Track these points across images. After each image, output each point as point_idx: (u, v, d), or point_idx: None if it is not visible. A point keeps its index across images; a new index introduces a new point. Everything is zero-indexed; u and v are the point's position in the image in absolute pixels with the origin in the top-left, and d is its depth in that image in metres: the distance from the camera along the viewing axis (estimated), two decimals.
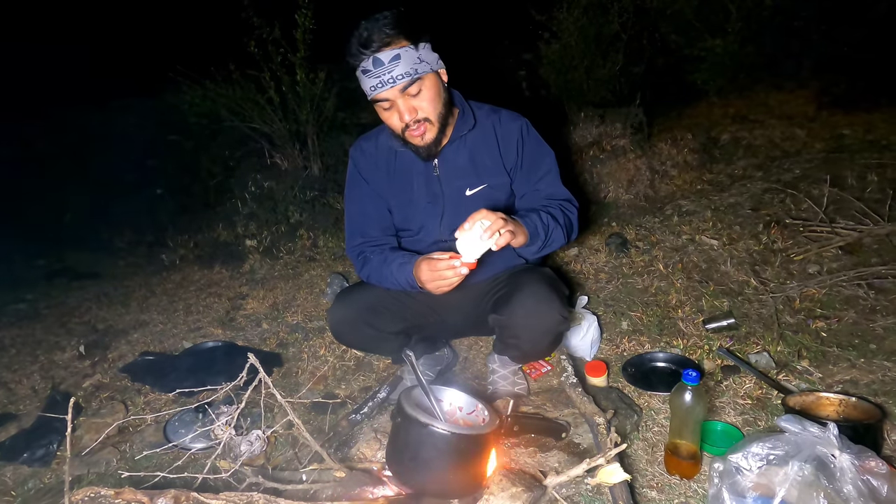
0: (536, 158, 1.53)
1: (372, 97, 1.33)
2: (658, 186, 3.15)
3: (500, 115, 1.52)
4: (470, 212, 1.49)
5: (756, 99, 3.81)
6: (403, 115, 1.33)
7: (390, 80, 1.28)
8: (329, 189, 3.74)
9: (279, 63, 3.56)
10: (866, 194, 2.50)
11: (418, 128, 1.35)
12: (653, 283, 2.21)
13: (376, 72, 1.27)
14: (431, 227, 1.54)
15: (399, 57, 1.27)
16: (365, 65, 1.28)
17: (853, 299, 1.91)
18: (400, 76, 1.28)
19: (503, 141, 1.51)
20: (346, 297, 1.60)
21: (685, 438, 1.27)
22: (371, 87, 1.30)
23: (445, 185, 1.50)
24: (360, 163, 1.56)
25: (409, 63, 1.28)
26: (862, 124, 3.23)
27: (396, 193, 1.53)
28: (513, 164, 1.52)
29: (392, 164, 1.52)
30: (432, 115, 1.36)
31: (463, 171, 1.49)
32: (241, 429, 1.59)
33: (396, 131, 1.38)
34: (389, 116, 1.36)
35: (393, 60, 1.27)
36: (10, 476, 1.65)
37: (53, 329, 2.69)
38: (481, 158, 1.50)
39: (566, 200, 1.53)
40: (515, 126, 1.51)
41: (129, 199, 4.46)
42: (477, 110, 1.51)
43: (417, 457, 1.13)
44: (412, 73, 1.29)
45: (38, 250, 3.93)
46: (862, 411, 1.35)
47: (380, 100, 1.32)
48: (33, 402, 2.05)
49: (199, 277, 3.08)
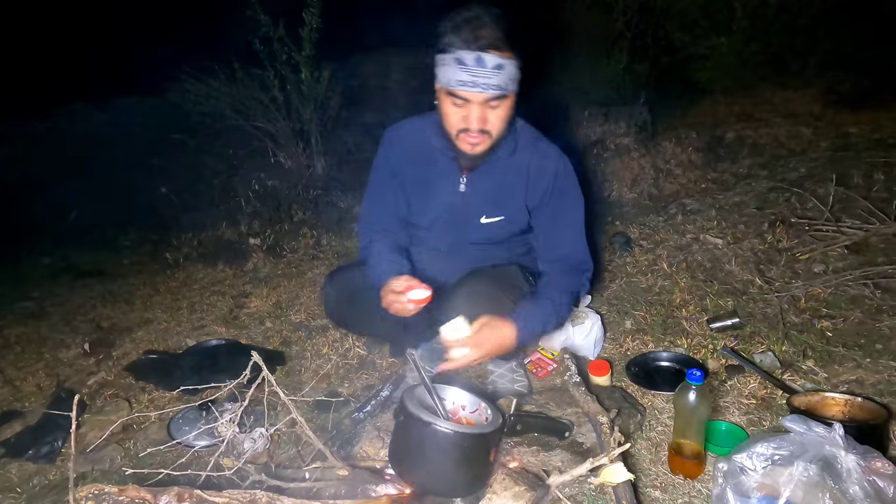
0: (563, 209, 1.46)
1: (451, 89, 1.24)
2: (662, 185, 3.14)
3: (539, 148, 1.44)
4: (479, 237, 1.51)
5: (761, 97, 3.79)
6: (472, 121, 1.26)
7: (483, 86, 1.20)
8: (332, 187, 3.74)
9: (284, 61, 3.57)
10: (872, 193, 2.49)
11: (477, 137, 1.29)
12: (657, 283, 2.20)
13: (474, 70, 1.19)
14: (439, 235, 1.53)
15: (502, 67, 1.21)
16: (465, 57, 1.19)
17: (859, 299, 1.90)
18: (494, 86, 1.21)
19: (533, 178, 1.43)
20: (337, 275, 1.63)
21: (689, 438, 1.27)
22: (459, 80, 1.21)
23: (466, 204, 1.45)
24: (392, 154, 1.50)
25: (506, 77, 1.22)
26: (868, 122, 3.21)
27: (418, 191, 1.48)
28: (536, 205, 1.45)
29: (423, 162, 1.45)
30: (495, 132, 1.31)
31: (486, 198, 1.45)
32: (245, 427, 1.59)
33: (451, 129, 1.31)
34: (455, 113, 1.28)
35: (496, 68, 1.20)
36: (16, 473, 1.66)
37: (58, 327, 2.70)
38: (507, 189, 1.44)
39: (582, 270, 1.48)
40: (551, 167, 1.43)
41: (133, 197, 4.47)
42: (521, 136, 1.43)
43: (420, 455, 1.13)
44: (504, 88, 1.23)
45: (42, 248, 3.94)
46: (868, 412, 1.34)
47: (459, 96, 1.24)
48: (38, 399, 2.06)
49: (203, 276, 3.09)
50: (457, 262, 1.56)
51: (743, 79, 3.93)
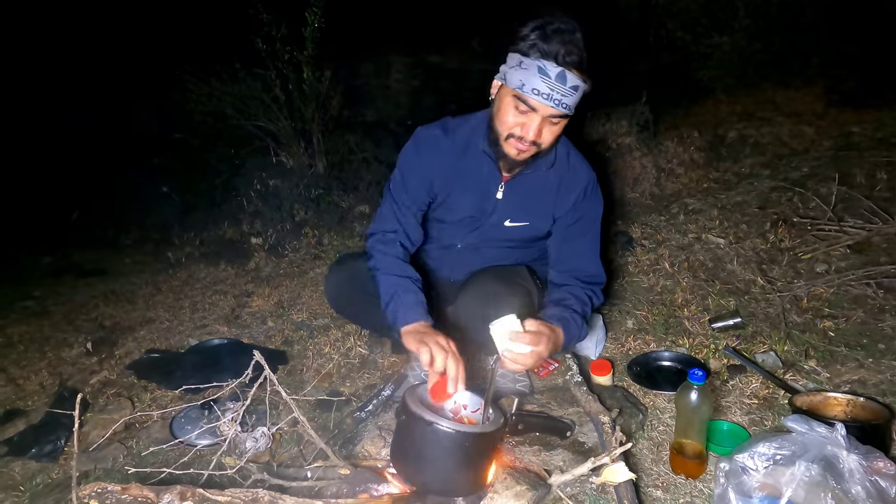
0: (584, 221, 1.47)
1: (522, 95, 1.21)
2: (664, 184, 3.14)
3: (571, 162, 1.46)
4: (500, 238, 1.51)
5: (763, 96, 3.78)
6: (529, 130, 1.25)
7: (556, 102, 1.19)
8: (334, 187, 3.74)
9: (286, 61, 3.57)
10: (875, 192, 2.48)
11: (526, 147, 1.29)
12: (658, 282, 2.20)
13: (552, 83, 1.18)
14: (461, 234, 1.53)
15: (577, 89, 1.20)
16: (547, 67, 1.17)
17: (861, 299, 1.89)
18: (565, 105, 1.21)
19: (563, 190, 1.45)
20: (341, 263, 1.64)
21: (691, 438, 1.26)
22: (535, 89, 1.19)
23: (498, 210, 1.46)
24: (425, 152, 1.45)
25: (576, 99, 1.22)
26: (871, 122, 3.20)
27: (454, 189, 1.46)
28: (562, 215, 1.47)
29: (459, 160, 1.44)
30: (545, 146, 1.31)
31: (518, 205, 1.46)
32: (247, 426, 1.59)
33: (502, 130, 1.30)
34: (514, 116, 1.26)
35: (572, 87, 1.19)
36: (19, 471, 1.67)
37: (61, 326, 2.71)
38: (537, 198, 1.45)
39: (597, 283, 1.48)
40: (581, 180, 1.45)
41: (135, 196, 4.48)
42: (558, 150, 1.43)
43: (422, 454, 1.13)
44: (571, 109, 1.23)
45: (45, 247, 3.95)
46: (870, 412, 1.34)
47: (527, 102, 1.22)
48: (41, 398, 2.07)
49: (205, 275, 3.10)
50: (470, 259, 1.57)
51: (745, 77, 3.92)
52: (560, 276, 1.49)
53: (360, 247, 3.00)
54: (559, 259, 1.50)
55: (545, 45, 1.18)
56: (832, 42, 3.69)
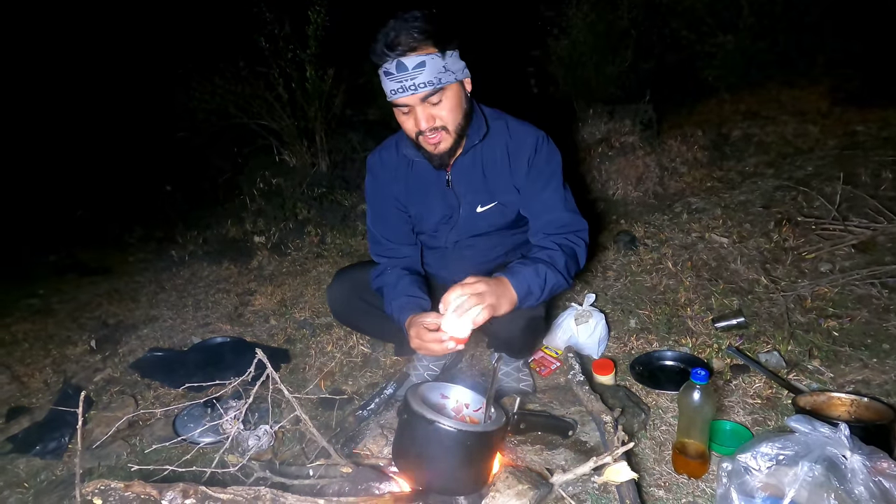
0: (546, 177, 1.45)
1: (391, 100, 1.29)
2: (667, 184, 3.13)
3: (512, 127, 1.46)
4: (480, 228, 1.51)
5: (768, 95, 3.76)
6: (420, 122, 1.29)
7: (412, 87, 1.24)
8: (337, 186, 3.75)
9: (289, 59, 3.57)
10: (880, 192, 2.46)
11: (434, 135, 1.31)
12: (661, 281, 2.20)
13: (399, 76, 1.23)
14: (442, 235, 1.54)
15: (424, 64, 1.23)
16: (388, 67, 1.24)
17: (866, 298, 1.88)
18: (422, 84, 1.23)
19: (514, 156, 1.45)
20: (343, 274, 1.64)
21: (693, 437, 1.26)
22: (391, 90, 1.26)
23: (458, 197, 1.47)
24: (380, 174, 1.52)
25: (433, 72, 1.24)
26: (876, 121, 3.18)
27: (414, 202, 1.51)
28: (522, 181, 1.46)
29: (409, 174, 1.49)
30: (450, 125, 1.32)
31: (475, 187, 1.46)
32: (249, 424, 1.60)
33: (411, 136, 1.35)
34: (406, 120, 1.33)
35: (417, 67, 1.22)
36: (23, 468, 1.68)
37: (65, 324, 2.73)
38: (492, 174, 1.46)
39: (574, 232, 1.43)
40: (529, 142, 1.44)
41: (138, 195, 4.50)
42: (491, 120, 1.44)
43: (424, 453, 1.13)
44: (435, 82, 1.24)
45: (49, 246, 3.97)
46: (874, 412, 1.34)
47: (399, 104, 1.29)
48: (45, 395, 2.08)
49: (208, 273, 3.11)
50: (463, 257, 1.58)
51: (749, 76, 3.90)
52: (535, 237, 1.46)
53: (363, 245, 3.03)
54: (532, 219, 1.48)
55: (374, 53, 1.26)
56: (837, 41, 3.67)
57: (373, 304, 1.55)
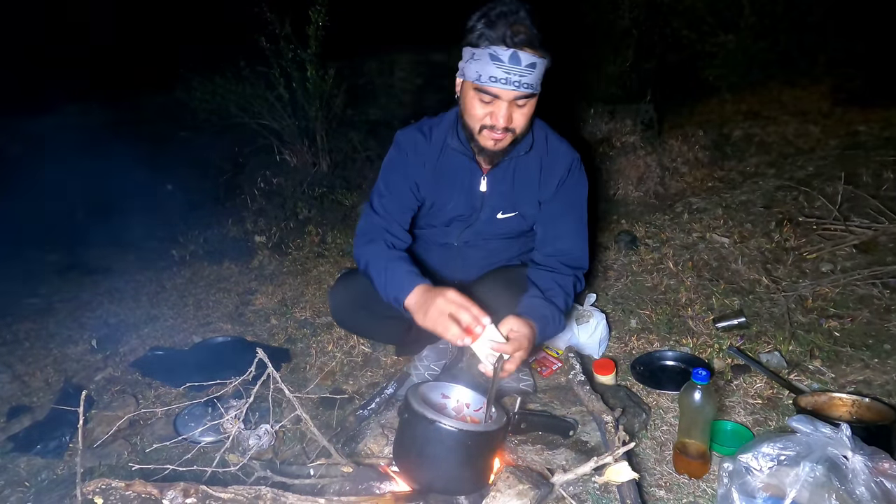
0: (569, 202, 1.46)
1: (481, 85, 1.21)
2: (668, 183, 3.12)
3: (551, 145, 1.45)
4: (493, 232, 1.50)
5: (769, 95, 3.75)
6: (499, 118, 1.24)
7: (516, 83, 1.18)
8: (337, 185, 3.75)
9: (290, 59, 3.57)
10: (882, 192, 2.46)
11: (500, 135, 1.28)
12: (662, 281, 2.19)
13: (509, 67, 1.17)
14: (454, 232, 1.52)
15: (535, 66, 1.19)
16: (499, 52, 1.16)
17: (867, 298, 1.88)
18: (526, 85, 1.20)
19: (545, 173, 1.44)
20: (345, 280, 1.61)
21: (694, 438, 1.26)
22: (492, 76, 1.18)
23: (485, 203, 1.46)
24: (409, 153, 1.44)
25: (538, 76, 1.21)
26: (878, 121, 3.18)
27: (436, 191, 1.46)
28: (547, 199, 1.46)
29: (439, 161, 1.43)
30: (518, 130, 1.29)
31: (502, 194, 1.45)
32: (250, 423, 1.60)
33: (474, 124, 1.30)
34: (481, 108, 1.25)
35: (529, 66, 1.18)
36: (24, 467, 1.68)
37: (66, 323, 2.73)
38: (522, 186, 1.45)
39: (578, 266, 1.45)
40: (564, 162, 1.44)
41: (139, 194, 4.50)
42: (535, 133, 1.42)
43: (424, 453, 1.13)
44: (535, 87, 1.22)
45: (50, 246, 3.97)
46: (875, 412, 1.33)
47: (489, 91, 1.22)
48: (46, 394, 2.08)
49: (209, 273, 3.11)
50: (468, 257, 1.57)
51: (751, 76, 3.90)
52: (545, 258, 1.46)
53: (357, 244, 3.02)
54: (544, 240, 1.47)
55: (492, 32, 1.18)
56: (839, 40, 3.66)
57: (377, 314, 1.53)
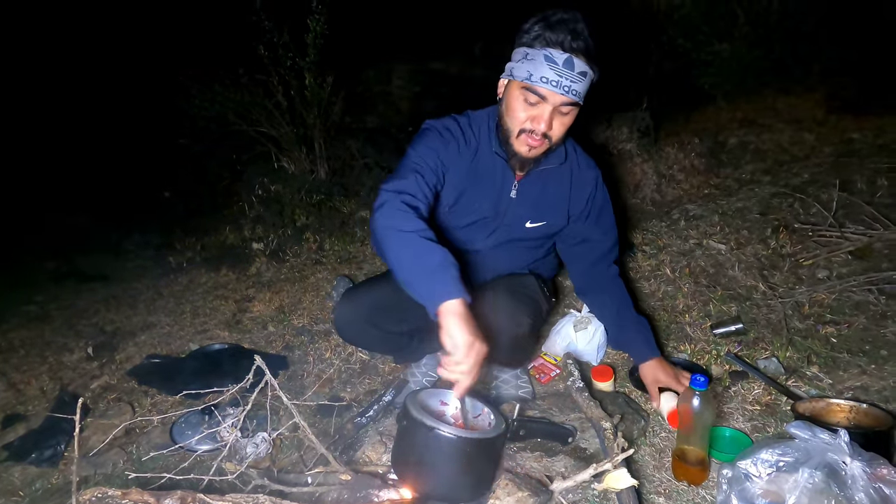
0: (603, 212, 1.57)
1: (531, 85, 1.20)
2: (665, 191, 3.14)
3: (580, 159, 1.49)
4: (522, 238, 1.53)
5: (764, 103, 3.78)
6: (540, 122, 1.24)
7: (566, 89, 1.19)
8: (335, 192, 3.76)
9: (288, 67, 3.59)
10: (876, 199, 2.47)
11: (538, 140, 1.27)
12: (660, 288, 2.20)
13: (562, 70, 1.17)
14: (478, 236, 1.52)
15: (586, 75, 1.20)
16: (555, 55, 1.17)
17: (863, 304, 1.89)
18: (574, 92, 1.20)
19: (576, 187, 1.48)
20: (351, 296, 1.59)
21: (693, 444, 1.26)
22: (543, 77, 1.18)
23: (513, 210, 1.47)
24: (451, 141, 1.38)
25: (585, 86, 1.22)
26: (872, 128, 3.20)
27: (468, 189, 1.42)
28: (577, 213, 1.51)
29: (476, 159, 1.41)
30: (555, 138, 1.30)
31: (533, 205, 1.47)
32: (247, 431, 1.59)
33: (513, 126, 1.29)
34: (524, 110, 1.25)
35: (581, 74, 1.19)
36: (18, 476, 1.67)
37: (62, 330, 2.71)
38: (552, 197, 1.47)
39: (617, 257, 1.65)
40: (591, 176, 1.50)
41: (137, 201, 4.50)
42: (567, 145, 1.44)
43: (423, 460, 1.13)
44: (582, 96, 1.22)
45: (47, 253, 3.96)
46: (873, 418, 1.34)
47: (538, 92, 1.21)
48: (42, 402, 2.06)
49: (206, 280, 3.10)
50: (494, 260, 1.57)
51: (745, 84, 3.93)
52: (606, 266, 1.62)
53: (362, 252, 3.03)
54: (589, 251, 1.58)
55: (550, 35, 1.18)
56: (833, 49, 3.70)
57: (385, 330, 1.54)
